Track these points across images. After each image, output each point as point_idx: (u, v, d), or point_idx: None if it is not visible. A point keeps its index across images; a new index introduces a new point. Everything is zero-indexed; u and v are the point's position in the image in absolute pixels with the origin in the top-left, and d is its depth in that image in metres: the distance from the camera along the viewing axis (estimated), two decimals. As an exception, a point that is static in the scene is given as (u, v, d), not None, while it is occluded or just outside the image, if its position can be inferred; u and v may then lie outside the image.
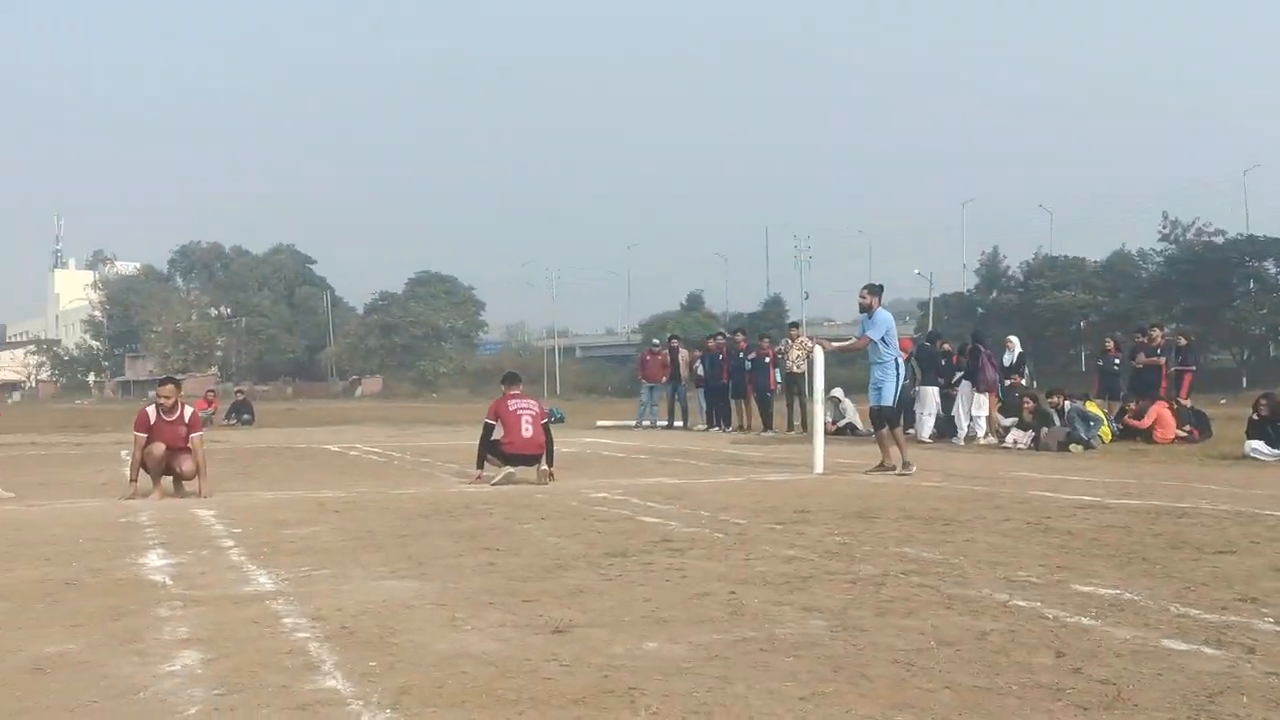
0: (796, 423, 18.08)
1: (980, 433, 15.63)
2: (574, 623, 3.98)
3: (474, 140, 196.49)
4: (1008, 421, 15.04)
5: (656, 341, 25.40)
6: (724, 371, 19.61)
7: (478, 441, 10.03)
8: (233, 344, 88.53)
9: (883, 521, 6.88)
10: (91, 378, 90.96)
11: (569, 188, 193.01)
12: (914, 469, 10.20)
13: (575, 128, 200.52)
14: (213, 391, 31.94)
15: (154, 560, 5.63)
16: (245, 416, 25.77)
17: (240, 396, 28.10)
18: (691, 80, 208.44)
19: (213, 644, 3.72)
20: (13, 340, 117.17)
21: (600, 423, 24.29)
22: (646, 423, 21.24)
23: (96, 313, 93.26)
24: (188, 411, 8.93)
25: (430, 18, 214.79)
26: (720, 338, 21.07)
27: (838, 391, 17.49)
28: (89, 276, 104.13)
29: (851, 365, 22.52)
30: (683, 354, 21.01)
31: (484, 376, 67.75)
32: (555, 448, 10.02)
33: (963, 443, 15.36)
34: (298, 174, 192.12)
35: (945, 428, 16.06)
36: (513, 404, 9.75)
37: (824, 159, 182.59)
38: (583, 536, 6.31)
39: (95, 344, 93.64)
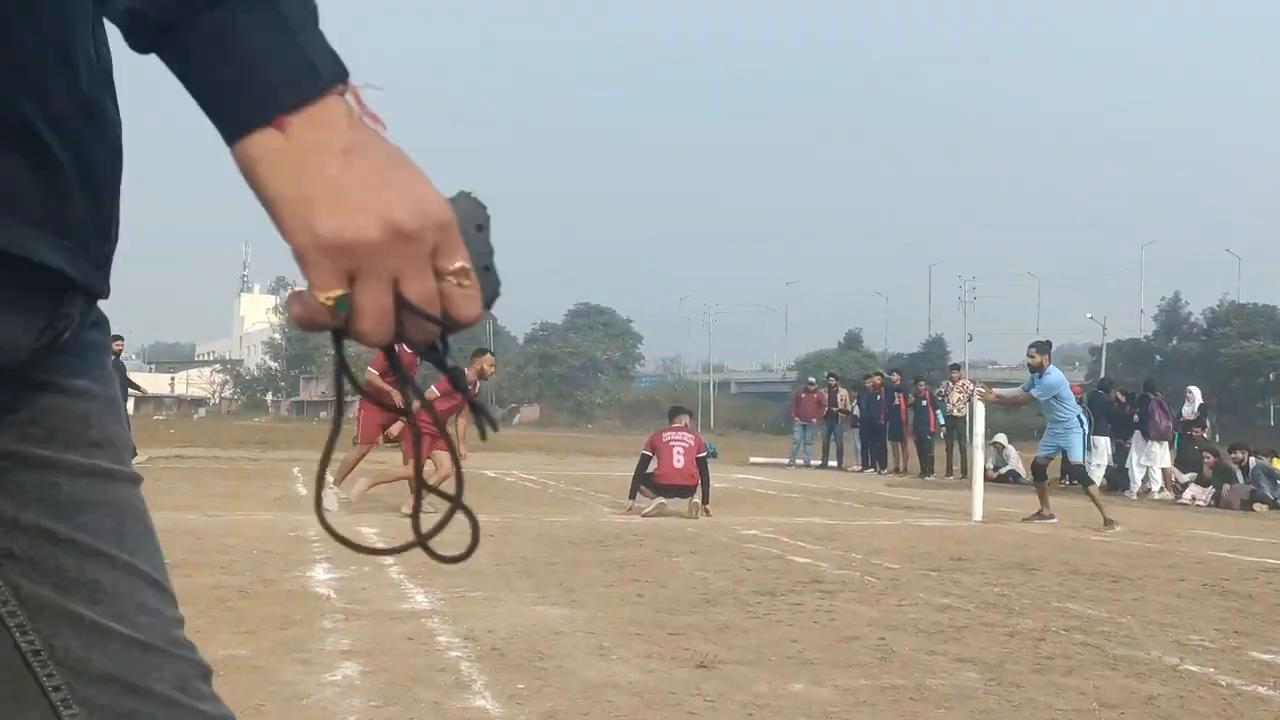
0: (955, 467, 17.58)
1: (1154, 486, 14.85)
2: (719, 659, 3.97)
3: (635, 174, 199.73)
4: (1185, 477, 14.26)
5: (813, 380, 25.10)
6: (881, 412, 19.25)
7: (633, 472, 10.13)
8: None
9: (1044, 574, 6.61)
10: (269, 397, 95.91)
11: (729, 222, 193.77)
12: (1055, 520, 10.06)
13: (735, 161, 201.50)
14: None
15: (320, 574, 5.89)
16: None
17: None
18: (855, 115, 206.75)
19: (371, 657, 3.86)
20: (200, 359, 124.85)
21: (753, 459, 24.14)
22: (800, 461, 21.01)
23: (276, 335, 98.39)
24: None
25: (598, 48, 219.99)
26: (878, 377, 20.70)
27: (1000, 437, 16.94)
28: (271, 301, 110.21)
29: (1016, 410, 21.79)
30: (841, 393, 20.76)
31: (639, 409, 68.40)
32: (711, 484, 9.97)
33: (1135, 496, 14.62)
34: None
35: (1117, 479, 15.33)
36: (668, 436, 9.81)
37: (991, 195, 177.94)
38: (731, 573, 6.28)
39: (274, 365, 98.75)
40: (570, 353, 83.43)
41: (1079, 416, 10.22)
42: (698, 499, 9.66)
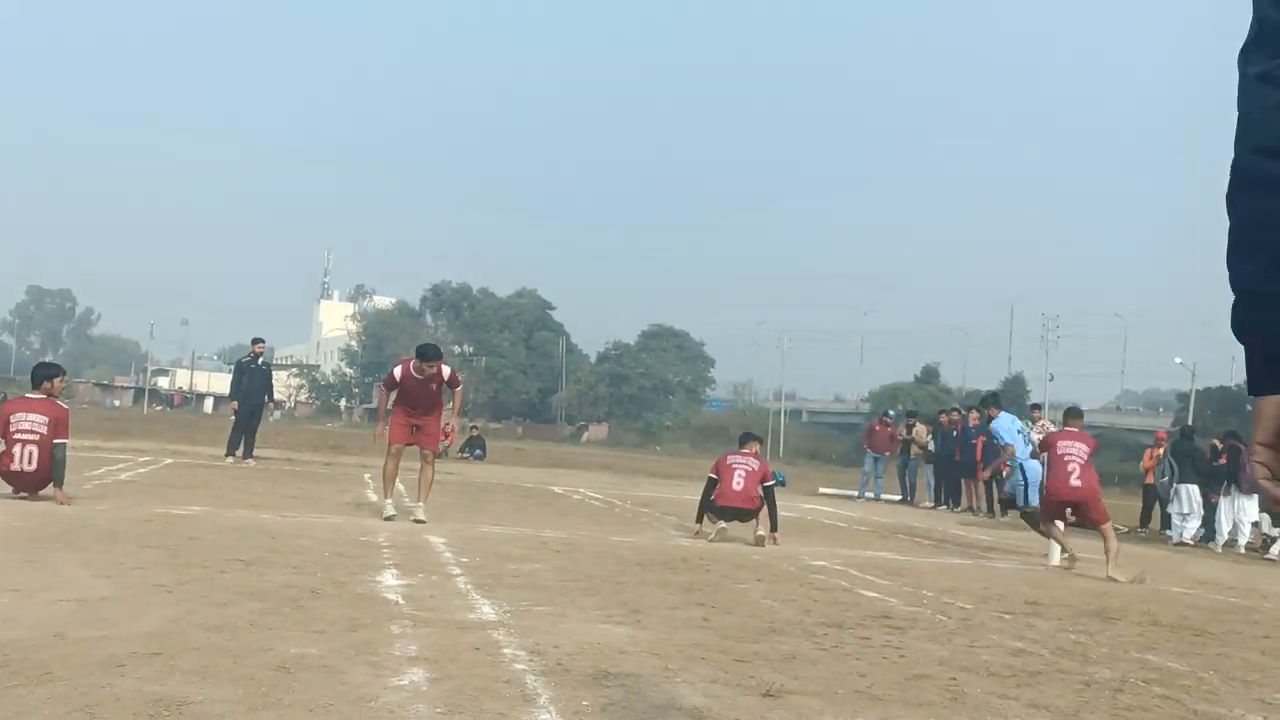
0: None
1: (1242, 540, 14.35)
2: (786, 688, 3.91)
3: (715, 197, 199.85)
4: (1275, 531, 13.76)
5: (890, 412, 24.79)
6: (957, 449, 18.92)
7: (700, 496, 10.07)
8: (471, 381, 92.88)
9: (1124, 624, 6.41)
10: (342, 403, 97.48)
11: (807, 250, 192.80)
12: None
13: (815, 188, 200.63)
14: (450, 425, 33.52)
15: (389, 579, 5.94)
16: (478, 452, 26.90)
17: (475, 432, 29.38)
18: (937, 145, 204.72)
19: (438, 664, 3.88)
20: (279, 363, 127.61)
21: (823, 490, 23.89)
22: (870, 494, 20.73)
23: (353, 342, 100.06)
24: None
25: (678, 69, 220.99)
26: (955, 413, 20.36)
27: (1078, 481, 16.50)
28: (349, 308, 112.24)
29: (1096, 456, 21.17)
30: (918, 428, 20.48)
31: (708, 433, 68.16)
32: (779, 514, 9.83)
33: (1220, 549, 14.15)
34: (544, 222, 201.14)
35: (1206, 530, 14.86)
36: (733, 459, 9.76)
37: (1079, 231, 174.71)
38: (798, 603, 6.20)
39: (349, 371, 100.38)
40: (642, 373, 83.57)
41: (1020, 465, 10.52)
42: (764, 530, 9.51)
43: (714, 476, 9.77)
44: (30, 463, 8.33)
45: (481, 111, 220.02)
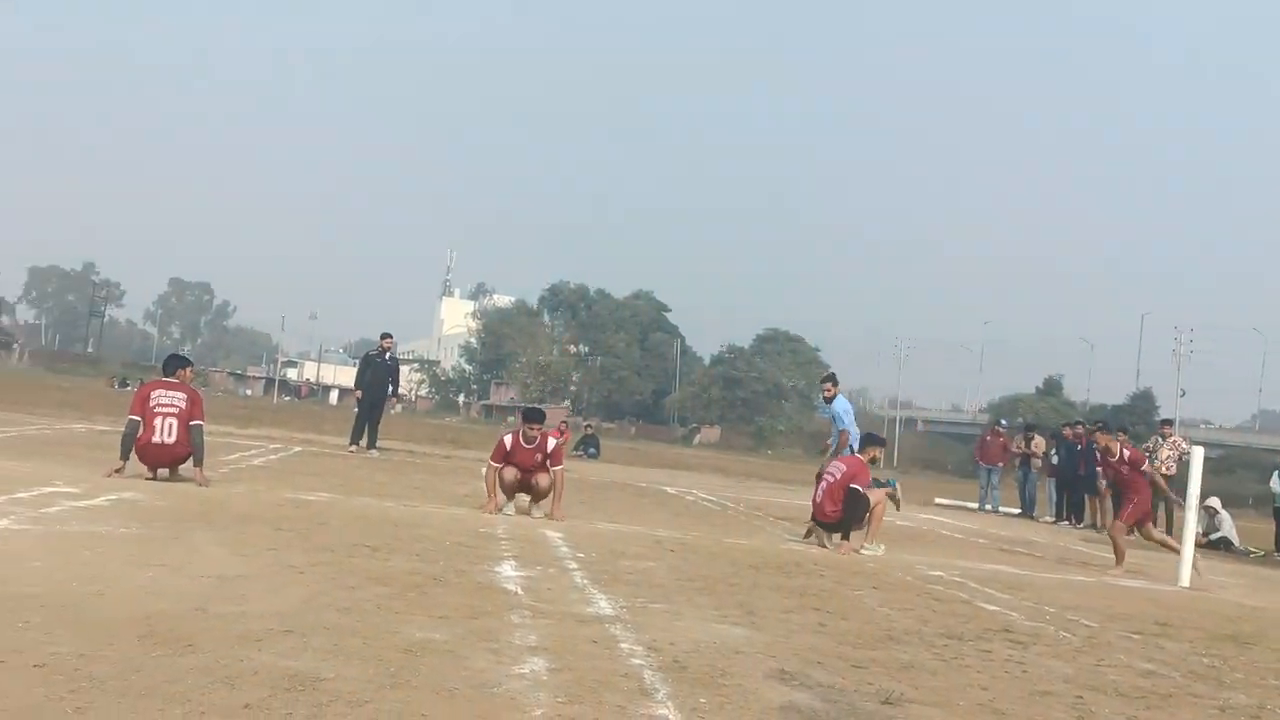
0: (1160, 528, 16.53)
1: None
2: (905, 697, 3.86)
3: (834, 202, 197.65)
4: None
5: (1004, 423, 24.15)
6: (1081, 463, 18.30)
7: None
8: (586, 380, 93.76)
9: (1261, 649, 6.13)
10: (461, 398, 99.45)
11: (926, 256, 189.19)
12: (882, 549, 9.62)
13: (936, 194, 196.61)
14: (565, 423, 33.95)
15: (508, 570, 6.06)
16: (592, 450, 27.17)
17: (589, 431, 29.71)
18: (1066, 150, 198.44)
19: (557, 655, 3.94)
20: (401, 358, 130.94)
21: (938, 500, 23.41)
22: (989, 507, 20.23)
23: (473, 340, 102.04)
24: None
25: (799, 67, 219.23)
26: (1079, 427, 19.72)
27: (1214, 501, 15.82)
28: (470, 306, 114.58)
29: (1228, 475, 20.25)
30: (1036, 440, 19.91)
31: (820, 438, 67.29)
32: (860, 518, 9.34)
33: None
34: (663, 225, 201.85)
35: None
36: (831, 466, 9.55)
37: (1216, 242, 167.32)
38: (916, 612, 6.10)
39: (468, 368, 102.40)
40: (755, 377, 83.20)
41: (852, 448, 10.56)
42: (839, 537, 9.21)
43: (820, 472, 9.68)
44: (170, 435, 8.78)
45: (602, 117, 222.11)
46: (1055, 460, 19.15)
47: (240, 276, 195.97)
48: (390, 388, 16.98)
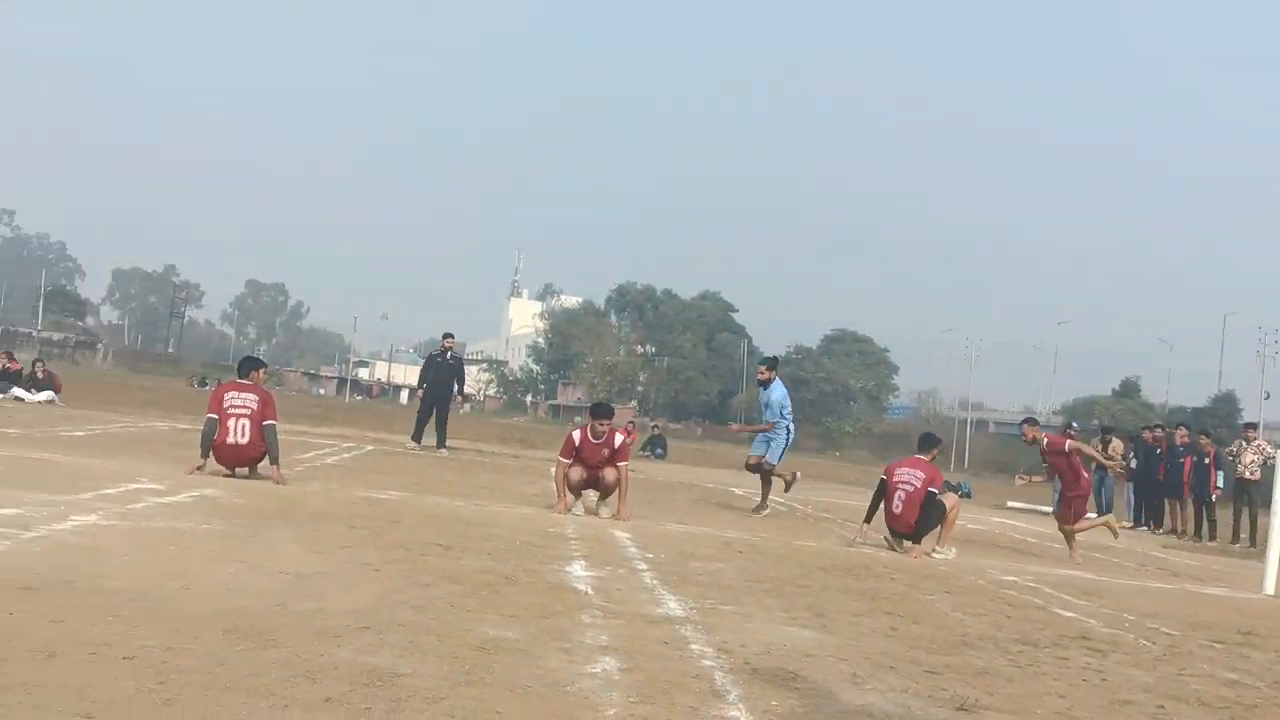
0: (1244, 535, 16.08)
1: None
2: (981, 704, 3.81)
3: (902, 202, 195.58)
4: None
5: (1076, 425, 23.67)
6: (1161, 467, 17.88)
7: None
8: (653, 381, 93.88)
9: (1351, 661, 5.93)
10: (528, 398, 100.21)
11: (998, 255, 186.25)
12: (768, 511, 11.33)
13: (1006, 191, 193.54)
14: (632, 423, 34.08)
15: (578, 570, 6.10)
16: (659, 451, 27.21)
17: (656, 431, 29.76)
18: (1142, 141, 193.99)
19: (628, 655, 3.96)
20: (470, 358, 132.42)
21: (1011, 503, 23.03)
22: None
23: (540, 340, 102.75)
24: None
25: (871, 71, 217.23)
26: (1158, 430, 19.27)
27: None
28: (538, 306, 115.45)
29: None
30: (1114, 443, 19.49)
31: (889, 440, 66.67)
32: (936, 523, 9.11)
33: None
34: (728, 225, 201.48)
35: None
36: (900, 472, 9.21)
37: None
38: (989, 618, 6.02)
39: (536, 368, 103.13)
40: (823, 378, 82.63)
41: (789, 428, 11.71)
42: (912, 544, 8.99)
43: (884, 478, 9.34)
44: (243, 435, 9.00)
45: (667, 117, 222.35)
46: (1134, 464, 18.72)
47: (314, 278, 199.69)
48: (455, 386, 17.18)
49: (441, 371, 17.00)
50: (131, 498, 6.96)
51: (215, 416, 9.04)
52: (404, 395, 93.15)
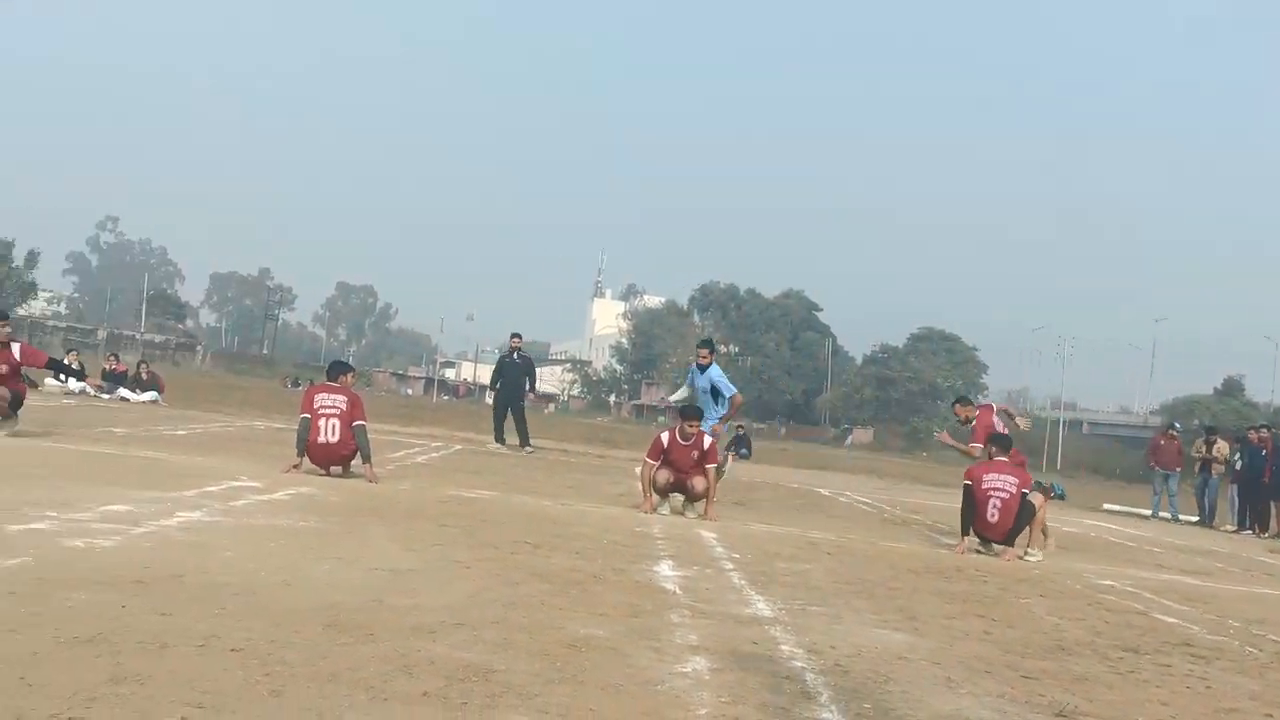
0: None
1: None
2: (1080, 710, 3.73)
3: (988, 197, 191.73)
4: None
5: (1177, 425, 22.98)
6: (1267, 469, 17.26)
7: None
8: (737, 381, 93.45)
9: None
10: (612, 398, 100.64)
11: (1091, 253, 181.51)
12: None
13: (1100, 183, 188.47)
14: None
15: (665, 570, 6.11)
16: (743, 451, 27.09)
17: (741, 431, 29.62)
18: (1242, 130, 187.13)
19: (718, 655, 3.97)
20: (554, 358, 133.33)
21: (1107, 506, 22.46)
22: (1165, 514, 19.28)
23: (623, 340, 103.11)
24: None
25: (949, 77, 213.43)
26: (1265, 430, 18.59)
27: None
28: (621, 306, 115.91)
29: None
30: (1218, 444, 18.87)
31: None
32: (1032, 526, 8.90)
33: None
34: (814, 224, 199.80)
35: None
36: (989, 478, 8.84)
37: None
38: (1087, 623, 5.88)
39: (619, 368, 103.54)
40: (909, 377, 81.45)
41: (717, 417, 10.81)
42: (1005, 546, 8.82)
43: (968, 483, 9.07)
44: (333, 435, 9.22)
45: (752, 117, 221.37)
46: (1238, 465, 18.11)
47: (401, 279, 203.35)
48: (526, 384, 17.32)
49: (511, 371, 17.24)
50: (233, 495, 7.18)
51: (308, 416, 9.28)
52: (490, 395, 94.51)
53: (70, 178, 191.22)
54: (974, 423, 10.76)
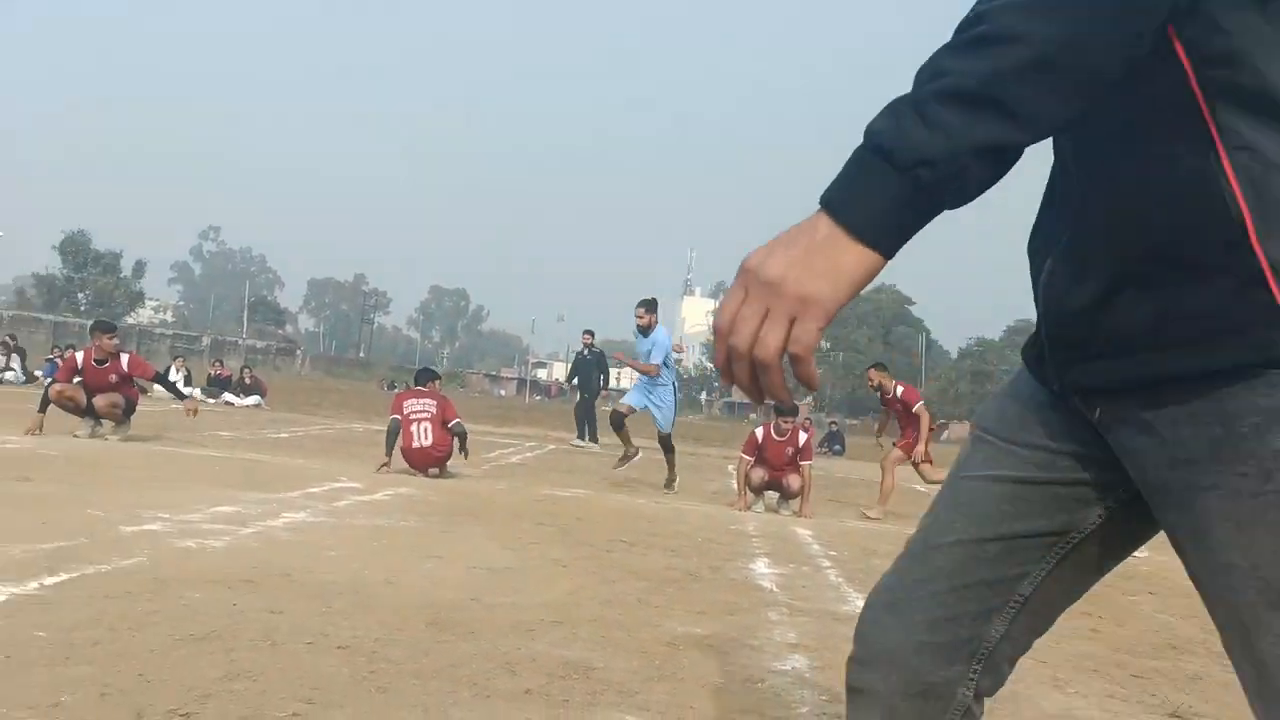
0: None
1: None
2: (1194, 711, 3.61)
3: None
4: None
5: None
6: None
7: None
8: (828, 377, 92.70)
9: None
10: (703, 396, 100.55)
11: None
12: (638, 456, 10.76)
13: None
14: (809, 420, 33.71)
15: (761, 567, 6.09)
16: (837, 447, 26.85)
17: (834, 428, 29.37)
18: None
19: (818, 653, 3.94)
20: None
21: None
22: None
23: (714, 337, 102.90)
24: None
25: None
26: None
27: None
28: (711, 304, 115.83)
29: None
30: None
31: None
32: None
33: None
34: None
35: None
36: None
37: None
38: (1200, 620, 5.67)
39: (709, 366, 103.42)
40: (1006, 371, 79.72)
41: (674, 384, 10.63)
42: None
43: None
44: (426, 438, 9.41)
45: (842, 105, 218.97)
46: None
47: (493, 281, 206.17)
48: (600, 380, 17.62)
49: (585, 367, 17.65)
50: (335, 496, 7.36)
51: (398, 417, 9.50)
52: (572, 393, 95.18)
53: (173, 191, 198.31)
54: (889, 394, 11.24)
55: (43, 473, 7.07)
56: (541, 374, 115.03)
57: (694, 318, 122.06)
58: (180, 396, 12.06)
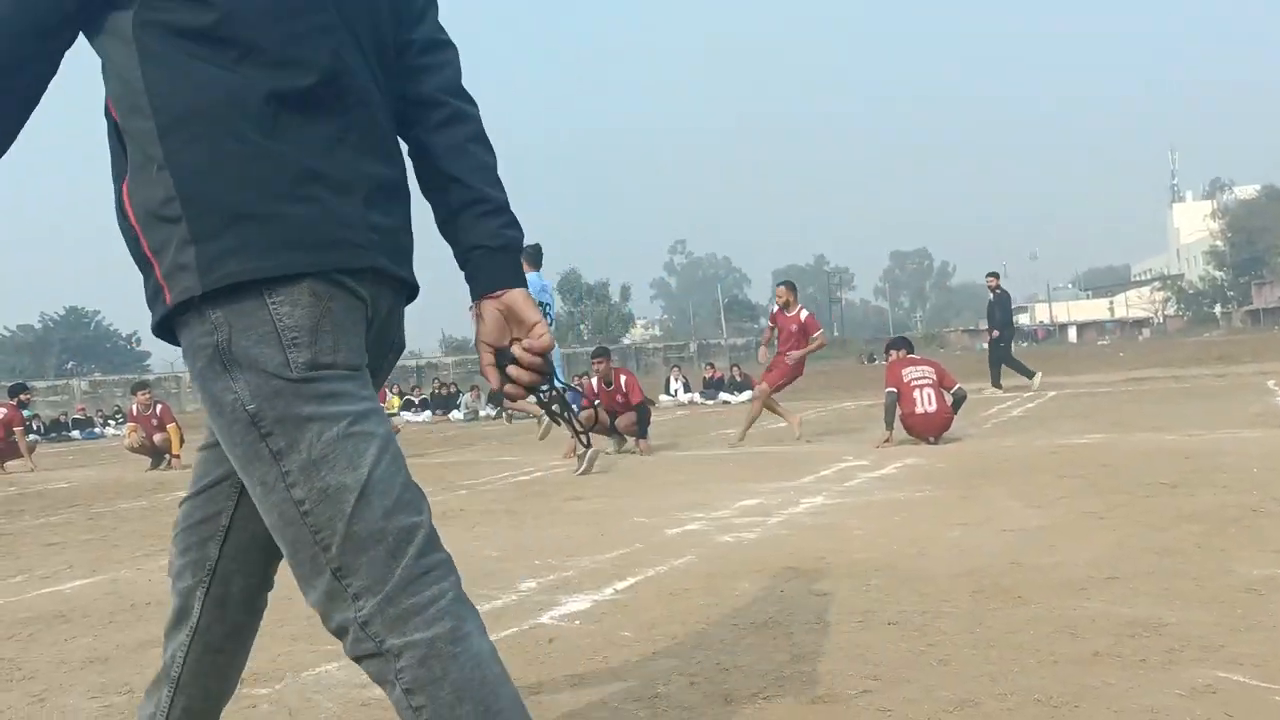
0: None
1: None
2: None
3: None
4: None
5: None
6: None
7: None
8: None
9: None
10: (1218, 309, 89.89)
11: None
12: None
13: None
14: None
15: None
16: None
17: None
18: None
19: None
20: (1137, 279, 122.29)
21: None
22: None
23: (1218, 242, 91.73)
24: None
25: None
26: None
27: None
28: (1207, 207, 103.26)
29: None
30: None
31: None
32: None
33: None
34: None
35: None
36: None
37: None
38: None
39: (1219, 274, 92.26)
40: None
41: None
42: None
43: None
44: (930, 404, 9.38)
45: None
46: None
47: (954, 233, 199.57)
48: (1001, 321, 17.22)
49: (994, 310, 17.26)
50: (845, 476, 7.52)
51: (894, 390, 9.48)
52: (1071, 333, 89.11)
53: (642, 214, 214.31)
54: (789, 312, 10.88)
55: (589, 490, 7.92)
56: (1024, 319, 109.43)
57: (1189, 225, 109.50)
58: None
